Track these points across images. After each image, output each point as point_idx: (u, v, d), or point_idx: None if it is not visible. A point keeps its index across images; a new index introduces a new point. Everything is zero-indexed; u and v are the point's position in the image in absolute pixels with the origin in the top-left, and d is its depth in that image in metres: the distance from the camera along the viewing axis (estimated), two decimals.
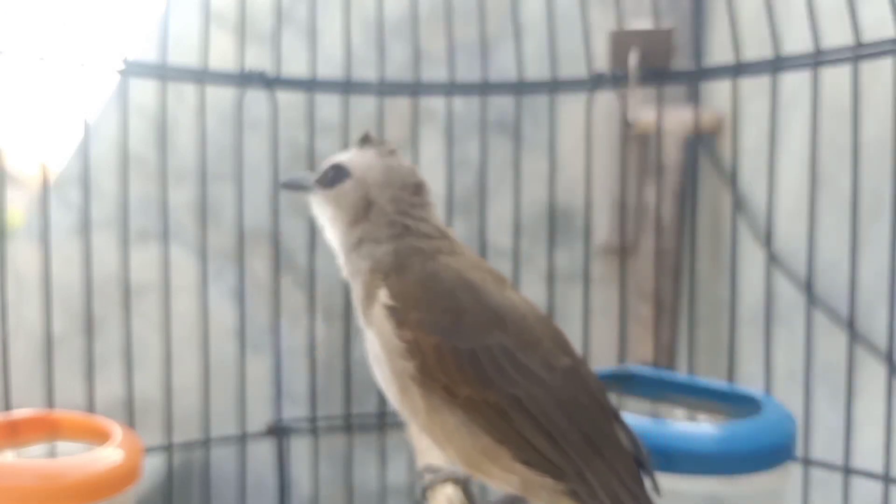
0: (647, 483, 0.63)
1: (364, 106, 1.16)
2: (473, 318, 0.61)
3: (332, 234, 0.70)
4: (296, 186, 0.73)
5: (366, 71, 1.15)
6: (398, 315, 0.61)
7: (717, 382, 0.91)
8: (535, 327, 0.63)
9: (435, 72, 1.18)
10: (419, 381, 0.60)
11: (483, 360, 0.60)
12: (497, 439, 0.59)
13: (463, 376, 0.59)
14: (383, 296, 0.62)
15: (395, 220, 0.67)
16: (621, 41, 1.07)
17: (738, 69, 0.99)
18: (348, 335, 1.14)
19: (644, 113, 1.28)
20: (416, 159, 1.14)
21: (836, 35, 0.92)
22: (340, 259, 0.70)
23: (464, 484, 0.68)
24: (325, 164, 0.71)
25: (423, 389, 0.60)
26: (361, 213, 0.68)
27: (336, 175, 0.69)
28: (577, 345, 0.67)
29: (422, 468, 0.72)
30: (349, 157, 0.70)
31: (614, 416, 0.64)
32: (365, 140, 0.71)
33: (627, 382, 0.93)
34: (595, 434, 0.61)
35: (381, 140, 0.72)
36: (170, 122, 1.05)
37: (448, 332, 0.60)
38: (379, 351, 0.63)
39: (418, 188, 0.69)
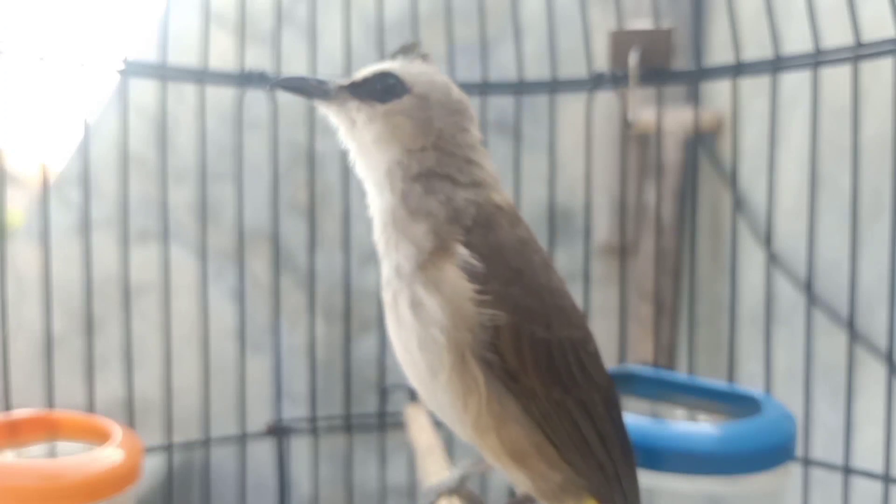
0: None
1: None
2: (554, 304, 0.55)
3: (375, 157, 0.57)
4: (304, 90, 0.58)
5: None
6: (483, 280, 0.52)
7: (717, 382, 0.91)
8: (583, 319, 0.59)
9: None
10: (485, 358, 0.53)
11: (555, 353, 0.54)
12: (549, 435, 0.55)
13: (535, 365, 0.53)
14: (466, 254, 0.53)
15: (472, 160, 0.57)
16: (621, 41, 1.07)
17: (738, 69, 0.99)
18: (348, 335, 1.14)
19: (644, 113, 1.29)
20: None
21: (836, 35, 0.92)
22: (384, 190, 0.57)
23: (468, 496, 0.65)
24: (364, 71, 0.59)
25: (486, 369, 0.53)
26: (427, 139, 0.56)
27: (388, 88, 0.57)
28: None
29: (424, 491, 0.67)
30: (399, 66, 0.58)
31: None
32: (408, 50, 0.59)
33: (627, 382, 0.93)
34: (627, 442, 0.60)
35: (425, 53, 0.60)
36: (170, 122, 1.05)
37: (530, 315, 0.53)
38: (439, 315, 0.53)
39: (475, 122, 0.60)
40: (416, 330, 0.54)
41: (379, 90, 0.57)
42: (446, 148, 0.57)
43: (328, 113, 0.60)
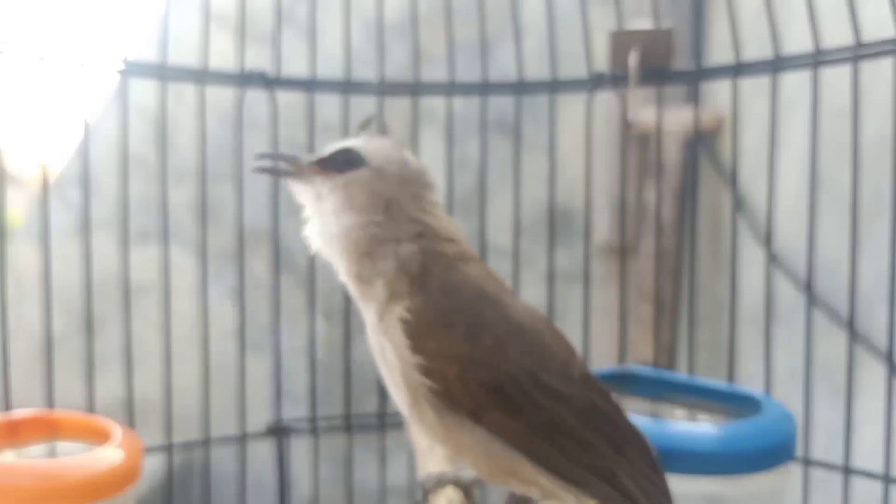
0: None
1: (364, 106, 1.16)
2: (494, 340, 0.58)
3: (334, 227, 0.63)
4: (277, 171, 0.65)
5: (366, 71, 1.15)
6: (416, 337, 0.57)
7: (717, 382, 0.91)
8: (547, 338, 0.61)
9: (435, 72, 1.18)
10: (438, 401, 0.57)
11: (509, 388, 0.57)
12: (521, 454, 0.58)
13: (491, 402, 0.57)
14: (404, 307, 0.58)
15: (416, 217, 0.62)
16: (621, 41, 1.07)
17: (738, 69, 0.99)
18: (348, 335, 1.14)
19: (644, 113, 1.28)
20: None
21: (836, 35, 0.92)
22: (343, 265, 0.63)
23: (465, 487, 0.68)
24: (325, 148, 0.65)
25: (441, 408, 0.58)
26: (378, 208, 0.62)
27: (349, 160, 0.63)
28: (577, 345, 0.67)
29: (422, 478, 0.71)
30: (361, 142, 0.64)
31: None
32: (366, 125, 0.66)
33: (627, 382, 0.93)
34: (616, 435, 0.61)
35: (383, 129, 0.68)
36: (170, 122, 1.05)
37: (470, 359, 0.57)
38: (394, 361, 0.59)
39: (431, 188, 0.65)
40: (383, 367, 0.61)
41: (341, 163, 0.63)
42: (395, 215, 0.62)
43: (297, 191, 0.66)
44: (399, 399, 0.62)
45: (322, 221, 0.64)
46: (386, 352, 0.60)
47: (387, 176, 0.63)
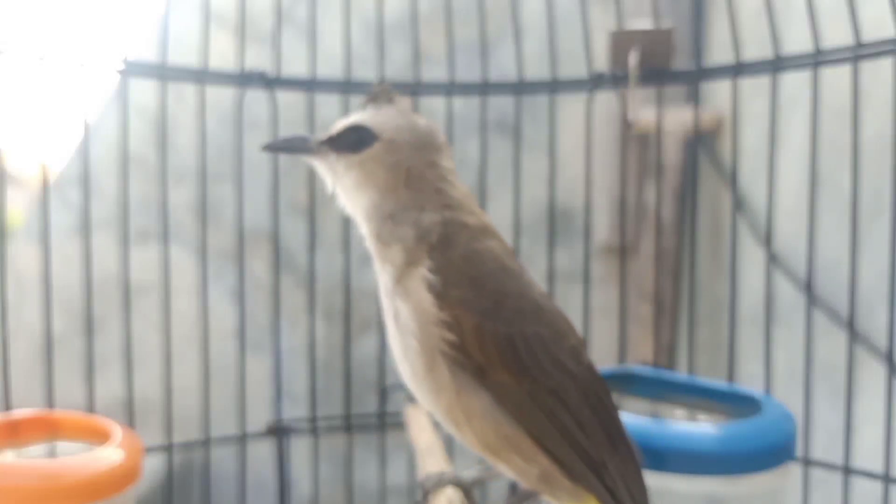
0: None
1: None
2: (514, 304, 0.60)
3: (357, 201, 0.65)
4: (291, 149, 0.67)
5: (366, 71, 1.15)
6: (440, 289, 0.58)
7: (717, 382, 0.91)
8: (561, 322, 0.62)
9: (435, 72, 1.18)
10: (452, 357, 0.58)
11: (520, 346, 0.59)
12: (523, 426, 0.59)
13: (501, 359, 0.58)
14: (427, 267, 0.59)
15: (440, 188, 0.63)
16: (621, 41, 1.07)
17: (738, 69, 0.99)
18: (348, 335, 1.14)
19: (644, 113, 1.29)
20: None
21: (836, 35, 0.92)
22: (365, 226, 0.65)
23: (465, 487, 0.68)
24: (336, 125, 0.66)
25: (455, 367, 0.59)
26: (398, 180, 0.63)
27: (360, 138, 0.64)
28: None
29: (422, 478, 0.70)
30: (368, 116, 0.65)
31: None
32: (377, 95, 0.66)
33: (627, 382, 0.93)
34: (613, 430, 0.61)
35: (390, 92, 0.66)
36: (170, 122, 1.05)
37: (490, 314, 0.58)
38: (410, 322, 0.60)
39: (444, 150, 0.65)
40: (398, 338, 0.62)
41: (352, 141, 0.64)
42: (415, 185, 0.63)
43: (315, 166, 0.67)
44: (407, 367, 0.62)
45: (345, 195, 0.66)
46: (400, 314, 0.61)
47: (400, 146, 0.63)
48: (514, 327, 0.59)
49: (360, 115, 0.65)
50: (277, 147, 0.68)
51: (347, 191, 0.65)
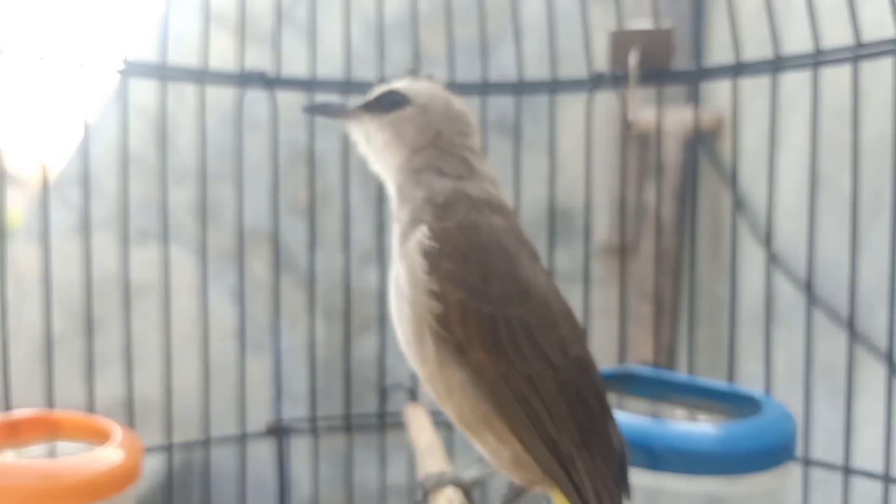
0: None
1: None
2: (501, 284, 0.60)
3: (386, 159, 0.67)
4: (328, 112, 0.70)
5: (366, 71, 1.15)
6: (434, 257, 0.59)
7: (717, 382, 0.91)
8: (555, 310, 0.62)
9: (435, 72, 1.17)
10: (435, 330, 0.59)
11: (502, 328, 0.59)
12: (497, 407, 0.59)
13: (480, 338, 0.58)
14: (422, 232, 0.60)
15: (465, 157, 0.65)
16: (621, 41, 1.07)
17: (738, 69, 0.99)
18: (348, 335, 1.15)
19: (644, 113, 1.29)
20: None
21: (836, 35, 0.92)
22: (391, 184, 0.67)
23: (465, 487, 0.68)
24: (375, 91, 0.69)
25: (438, 340, 0.59)
26: (427, 139, 0.66)
27: (394, 101, 0.67)
28: None
29: (422, 478, 0.71)
30: (404, 84, 0.68)
31: (609, 415, 0.64)
32: (414, 72, 0.69)
33: (627, 382, 0.93)
34: (588, 428, 0.61)
35: (430, 75, 0.70)
36: (170, 122, 1.05)
37: (475, 291, 0.59)
38: (404, 286, 0.61)
39: (475, 131, 0.68)
40: (395, 302, 0.63)
41: (387, 104, 0.67)
42: (444, 147, 0.66)
43: (349, 129, 0.70)
44: (400, 333, 0.63)
45: (376, 157, 0.69)
46: (400, 277, 0.62)
47: (432, 113, 0.66)
48: (499, 308, 0.59)
49: (398, 83, 0.68)
50: (316, 110, 0.71)
51: (378, 150, 0.68)
